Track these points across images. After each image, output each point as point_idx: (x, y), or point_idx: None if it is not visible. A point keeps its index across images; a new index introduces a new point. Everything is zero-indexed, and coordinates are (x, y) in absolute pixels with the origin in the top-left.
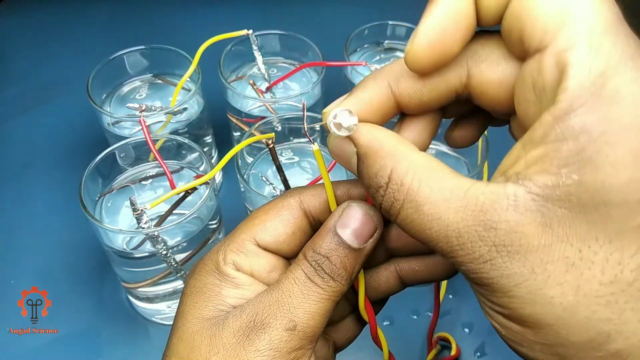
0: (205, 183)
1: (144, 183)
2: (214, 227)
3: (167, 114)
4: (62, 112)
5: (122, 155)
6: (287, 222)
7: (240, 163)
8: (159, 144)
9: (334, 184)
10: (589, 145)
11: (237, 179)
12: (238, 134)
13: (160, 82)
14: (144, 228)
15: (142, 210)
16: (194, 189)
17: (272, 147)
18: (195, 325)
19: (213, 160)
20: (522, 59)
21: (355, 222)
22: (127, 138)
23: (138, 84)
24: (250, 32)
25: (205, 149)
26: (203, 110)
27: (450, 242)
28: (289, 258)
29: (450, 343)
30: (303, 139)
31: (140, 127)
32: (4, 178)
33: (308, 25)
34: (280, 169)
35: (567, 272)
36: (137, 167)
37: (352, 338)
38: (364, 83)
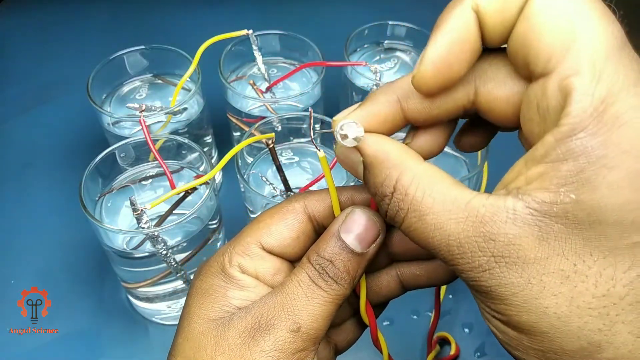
0: (205, 183)
1: (144, 183)
2: (214, 227)
3: (167, 114)
4: (62, 112)
5: (122, 155)
6: (291, 226)
7: (240, 163)
8: (159, 144)
9: (338, 190)
10: (588, 167)
11: (237, 179)
12: (238, 134)
13: (160, 82)
14: (144, 228)
15: (142, 210)
16: (194, 189)
17: (272, 147)
18: (201, 326)
19: (213, 160)
20: (527, 79)
21: (359, 227)
22: (127, 138)
23: (138, 84)
24: (250, 32)
25: (205, 149)
26: (203, 110)
27: (452, 251)
28: (293, 261)
29: (450, 343)
30: (303, 139)
31: (140, 127)
32: (4, 178)
33: (308, 25)
34: (280, 169)
35: (561, 284)
36: (137, 167)
37: (352, 341)
38: (375, 96)
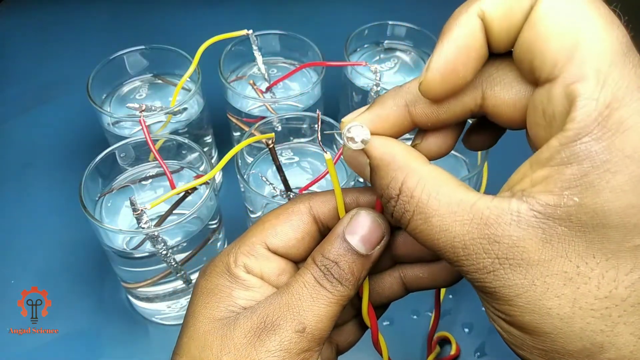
0: (205, 183)
1: (144, 183)
2: (214, 227)
3: (167, 114)
4: (62, 112)
5: (122, 155)
6: (296, 227)
7: (240, 163)
8: (159, 144)
9: (343, 191)
10: (592, 171)
11: (237, 179)
12: (238, 134)
13: (160, 82)
14: (144, 228)
15: (142, 210)
16: (194, 189)
17: (272, 147)
18: (207, 325)
19: (213, 160)
20: (533, 84)
21: (364, 229)
22: (127, 138)
23: (138, 84)
24: (250, 32)
25: (205, 149)
26: (203, 110)
27: (457, 252)
28: (298, 262)
29: (451, 343)
30: (303, 139)
31: (140, 127)
32: (4, 178)
33: (308, 25)
34: (280, 169)
35: (565, 285)
36: (137, 167)
37: (353, 342)
38: (383, 100)
